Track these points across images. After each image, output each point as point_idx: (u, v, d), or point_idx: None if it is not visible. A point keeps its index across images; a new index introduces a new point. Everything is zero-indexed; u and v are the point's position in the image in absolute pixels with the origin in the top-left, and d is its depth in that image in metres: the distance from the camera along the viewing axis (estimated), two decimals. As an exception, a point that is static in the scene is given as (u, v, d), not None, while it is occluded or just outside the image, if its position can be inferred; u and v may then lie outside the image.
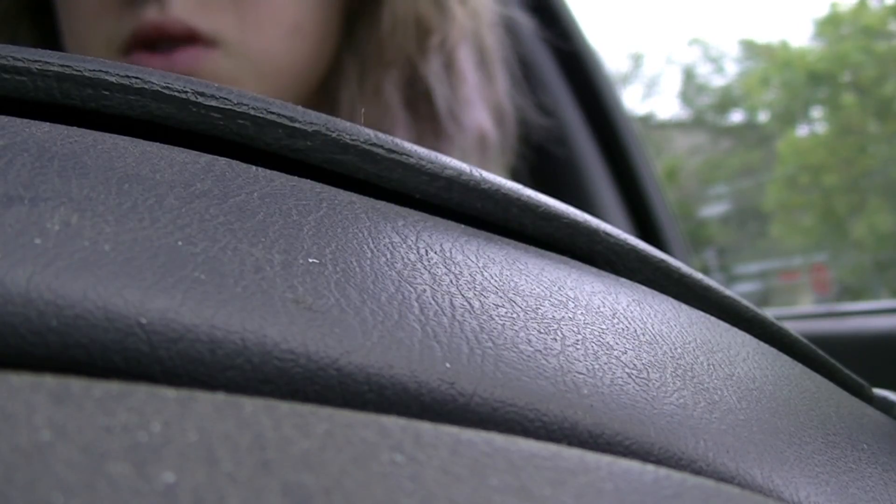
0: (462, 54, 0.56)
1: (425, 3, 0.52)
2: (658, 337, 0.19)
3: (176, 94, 0.18)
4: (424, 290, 0.16)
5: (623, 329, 0.18)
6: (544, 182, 0.71)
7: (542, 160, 0.71)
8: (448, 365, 0.14)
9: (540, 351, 0.16)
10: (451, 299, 0.16)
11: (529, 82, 0.65)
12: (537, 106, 0.65)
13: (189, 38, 0.45)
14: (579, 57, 0.78)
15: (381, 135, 0.19)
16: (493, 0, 0.60)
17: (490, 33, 0.60)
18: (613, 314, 0.19)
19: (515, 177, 0.66)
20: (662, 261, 0.23)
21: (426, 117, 0.55)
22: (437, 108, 0.55)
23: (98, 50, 0.47)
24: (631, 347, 0.17)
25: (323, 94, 0.53)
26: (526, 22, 0.67)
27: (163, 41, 0.45)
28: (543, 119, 0.66)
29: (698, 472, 0.15)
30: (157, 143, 0.17)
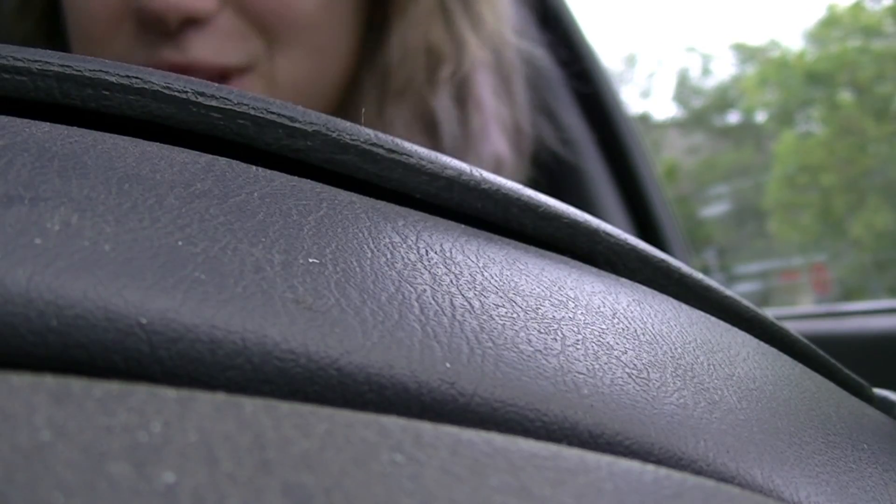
0: (479, 80, 0.55)
1: (437, 32, 0.51)
2: (658, 337, 0.19)
3: (176, 94, 0.18)
4: (424, 290, 0.16)
5: (623, 329, 0.18)
6: (545, 182, 0.71)
7: (542, 160, 0.71)
8: (448, 365, 0.14)
9: (540, 351, 0.16)
10: (451, 299, 0.16)
11: (531, 83, 0.64)
12: (539, 108, 0.65)
13: (220, 75, 0.44)
14: (580, 58, 0.78)
15: (381, 135, 0.19)
16: (512, 16, 0.59)
17: (510, 51, 0.59)
18: (613, 314, 0.19)
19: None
20: (662, 261, 0.23)
21: (439, 148, 0.54)
22: (444, 140, 0.54)
23: None
24: (631, 347, 0.17)
25: (343, 114, 0.52)
26: (529, 25, 0.67)
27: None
28: (546, 123, 0.66)
29: (698, 472, 0.15)
30: (158, 143, 0.17)
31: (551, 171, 0.68)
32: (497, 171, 0.56)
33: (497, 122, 0.57)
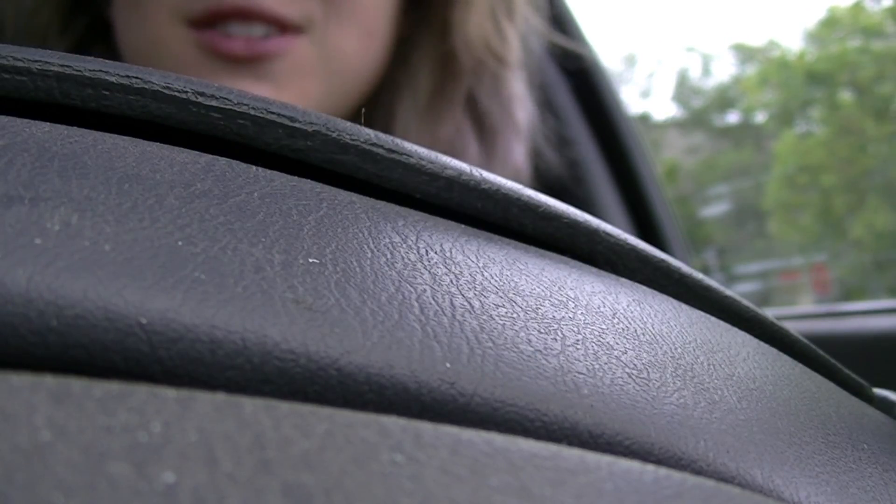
0: (516, 84, 0.57)
1: (489, 29, 0.53)
2: (658, 337, 0.19)
3: (176, 94, 0.18)
4: (424, 290, 0.16)
5: (623, 329, 0.18)
6: (546, 181, 0.71)
7: (542, 160, 0.71)
8: (448, 365, 0.14)
9: (540, 351, 0.16)
10: (451, 299, 0.16)
11: (532, 83, 0.64)
12: (539, 108, 0.65)
13: (280, 27, 0.45)
14: (580, 58, 0.78)
15: (381, 135, 0.19)
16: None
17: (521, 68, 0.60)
18: (613, 314, 0.19)
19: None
20: (662, 261, 0.23)
21: (486, 137, 0.55)
22: (496, 126, 0.55)
23: (160, 20, 0.45)
24: (631, 347, 0.17)
25: (378, 108, 0.53)
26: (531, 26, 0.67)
27: (239, 21, 0.44)
28: (548, 124, 0.66)
29: (698, 472, 0.15)
30: (157, 143, 0.17)
31: (552, 171, 0.68)
32: (516, 178, 0.57)
33: (524, 129, 0.58)
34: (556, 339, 0.16)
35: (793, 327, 0.26)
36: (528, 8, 0.59)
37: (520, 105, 0.57)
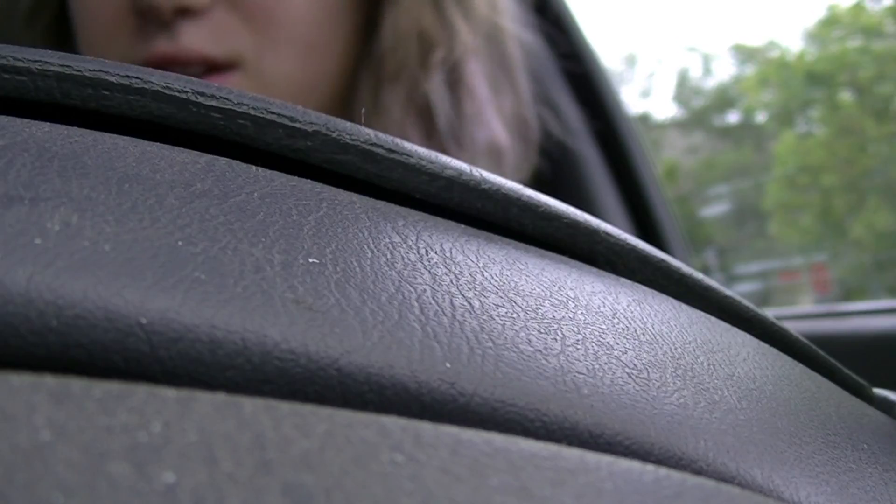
0: (471, 69, 0.56)
1: (428, 18, 0.52)
2: (658, 337, 0.19)
3: (176, 94, 0.18)
4: (424, 290, 0.16)
5: (623, 329, 0.18)
6: (548, 175, 0.71)
7: (542, 160, 0.71)
8: (448, 365, 0.14)
9: (540, 351, 0.16)
10: (451, 299, 0.16)
11: (533, 79, 0.64)
12: (540, 104, 0.65)
13: (208, 67, 0.45)
14: (580, 57, 0.78)
15: (381, 135, 0.19)
16: (512, 9, 0.59)
17: (512, 43, 0.59)
18: (613, 314, 0.19)
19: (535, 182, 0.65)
20: (662, 261, 0.23)
21: (433, 132, 0.55)
22: (438, 123, 0.54)
23: None
24: (631, 347, 0.17)
25: (342, 111, 0.53)
26: (529, 24, 0.67)
27: (176, 67, 0.45)
28: (550, 121, 0.66)
29: (699, 472, 0.15)
30: (157, 143, 0.17)
31: (552, 170, 0.68)
32: (495, 158, 0.57)
33: (495, 111, 0.57)
34: (556, 339, 0.16)
35: (793, 327, 0.26)
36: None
37: (477, 92, 0.56)
